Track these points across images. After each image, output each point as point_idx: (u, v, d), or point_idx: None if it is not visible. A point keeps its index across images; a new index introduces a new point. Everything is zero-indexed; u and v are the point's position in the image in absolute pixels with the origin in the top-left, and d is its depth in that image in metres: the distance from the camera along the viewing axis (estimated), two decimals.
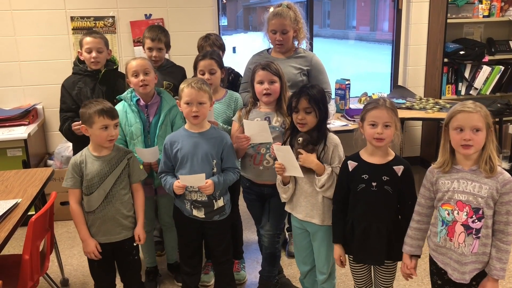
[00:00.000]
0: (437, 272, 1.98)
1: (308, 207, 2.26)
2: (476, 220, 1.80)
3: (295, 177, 2.27)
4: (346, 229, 2.12)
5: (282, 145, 2.27)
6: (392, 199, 2.03)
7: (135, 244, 2.38)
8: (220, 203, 2.37)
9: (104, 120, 2.19)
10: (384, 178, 2.01)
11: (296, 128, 2.24)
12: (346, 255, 2.18)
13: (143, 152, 2.43)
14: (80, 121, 2.34)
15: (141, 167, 2.38)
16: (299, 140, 2.20)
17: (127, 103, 2.59)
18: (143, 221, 2.39)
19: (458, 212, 1.83)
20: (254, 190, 2.56)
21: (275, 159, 2.41)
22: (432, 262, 2.00)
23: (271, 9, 2.89)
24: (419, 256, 2.03)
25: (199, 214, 2.36)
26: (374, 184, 2.02)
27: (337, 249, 2.17)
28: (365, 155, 2.08)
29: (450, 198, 1.85)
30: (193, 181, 2.25)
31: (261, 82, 2.40)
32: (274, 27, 2.81)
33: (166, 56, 3.12)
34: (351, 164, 2.08)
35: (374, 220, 2.05)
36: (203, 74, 2.61)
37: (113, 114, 2.23)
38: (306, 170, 2.18)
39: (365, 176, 2.04)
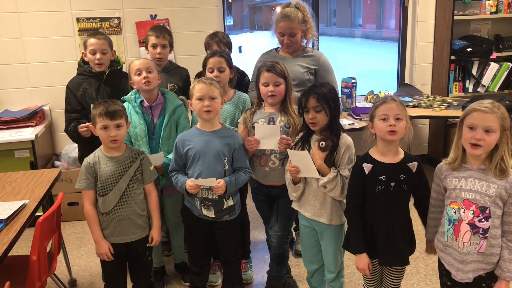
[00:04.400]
0: (446, 274, 1.95)
1: (317, 206, 2.24)
2: (483, 220, 1.78)
3: (305, 177, 2.25)
4: (365, 234, 2.06)
5: (294, 146, 2.27)
6: (408, 196, 2.02)
7: (148, 245, 2.38)
8: (230, 202, 2.37)
9: (104, 121, 2.20)
10: (402, 177, 1.98)
11: (309, 128, 2.22)
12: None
13: (148, 157, 2.43)
14: (87, 123, 2.39)
15: (152, 167, 2.37)
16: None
17: (131, 104, 2.58)
18: (159, 224, 2.38)
19: (464, 210, 1.81)
20: (263, 191, 2.55)
21: (281, 160, 2.41)
22: (440, 263, 1.98)
23: (278, 9, 2.87)
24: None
25: (209, 214, 2.36)
26: (392, 184, 1.98)
27: (363, 259, 2.06)
28: (377, 155, 2.02)
29: (458, 196, 1.83)
30: (205, 183, 2.26)
31: (266, 84, 2.39)
32: (282, 30, 2.79)
33: (169, 57, 3.12)
34: (367, 167, 2.00)
35: (396, 221, 2.02)
36: (212, 72, 2.60)
37: (113, 115, 2.20)
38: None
39: (383, 177, 1.98)
